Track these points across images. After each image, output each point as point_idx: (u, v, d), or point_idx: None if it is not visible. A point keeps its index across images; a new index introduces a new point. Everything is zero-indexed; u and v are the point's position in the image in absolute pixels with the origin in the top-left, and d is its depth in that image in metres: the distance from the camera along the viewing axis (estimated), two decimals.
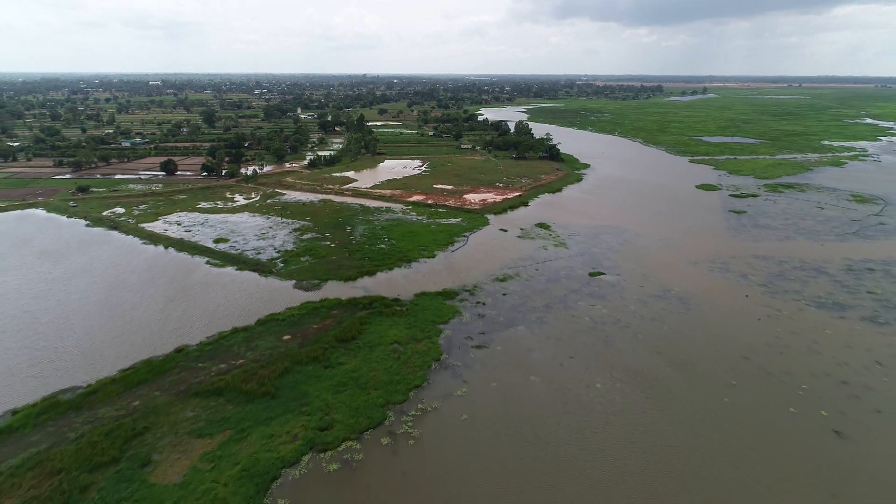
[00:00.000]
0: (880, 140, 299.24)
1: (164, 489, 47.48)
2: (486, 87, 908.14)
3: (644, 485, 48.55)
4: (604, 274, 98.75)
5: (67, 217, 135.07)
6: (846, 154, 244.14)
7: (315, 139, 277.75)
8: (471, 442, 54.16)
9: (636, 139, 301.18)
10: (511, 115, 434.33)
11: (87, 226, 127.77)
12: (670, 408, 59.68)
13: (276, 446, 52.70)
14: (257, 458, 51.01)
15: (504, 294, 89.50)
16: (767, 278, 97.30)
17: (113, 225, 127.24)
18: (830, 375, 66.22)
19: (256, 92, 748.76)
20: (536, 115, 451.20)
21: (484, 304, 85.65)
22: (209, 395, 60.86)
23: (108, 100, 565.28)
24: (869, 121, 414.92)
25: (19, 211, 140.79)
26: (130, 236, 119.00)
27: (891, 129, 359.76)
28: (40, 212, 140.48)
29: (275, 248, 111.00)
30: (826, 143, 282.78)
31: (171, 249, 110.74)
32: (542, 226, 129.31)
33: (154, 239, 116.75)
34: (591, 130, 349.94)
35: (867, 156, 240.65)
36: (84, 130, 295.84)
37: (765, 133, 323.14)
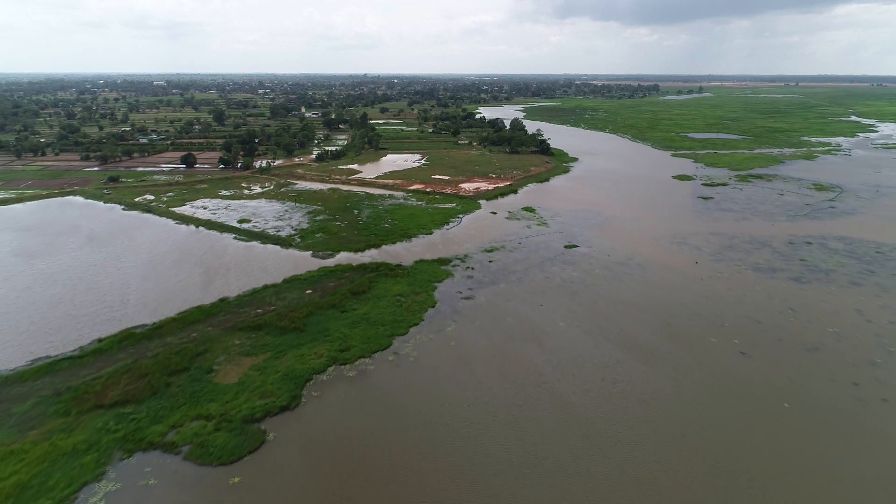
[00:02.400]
0: (858, 136, 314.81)
1: (226, 386, 63.44)
2: (485, 87, 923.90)
3: (582, 383, 64.37)
4: (577, 246, 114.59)
5: (104, 203, 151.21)
6: (821, 149, 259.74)
7: (321, 136, 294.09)
8: (457, 360, 70.03)
9: (625, 136, 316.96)
10: (508, 113, 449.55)
11: (124, 209, 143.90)
12: (613, 337, 75.58)
13: (308, 361, 68.67)
14: (294, 368, 66.98)
15: (490, 261, 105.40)
16: (718, 250, 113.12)
17: (147, 209, 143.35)
18: (749, 317, 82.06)
19: (260, 92, 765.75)
20: (532, 114, 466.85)
21: (472, 268, 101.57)
22: (251, 330, 76.84)
23: (116, 100, 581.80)
24: (854, 118, 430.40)
25: (60, 198, 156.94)
26: (164, 218, 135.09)
27: (872, 126, 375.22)
28: (79, 198, 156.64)
29: (292, 227, 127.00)
30: (805, 138, 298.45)
31: (201, 228, 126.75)
32: (527, 209, 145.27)
33: (185, 220, 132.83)
34: (583, 128, 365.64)
35: (840, 150, 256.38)
36: (101, 128, 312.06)
37: (749, 130, 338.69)
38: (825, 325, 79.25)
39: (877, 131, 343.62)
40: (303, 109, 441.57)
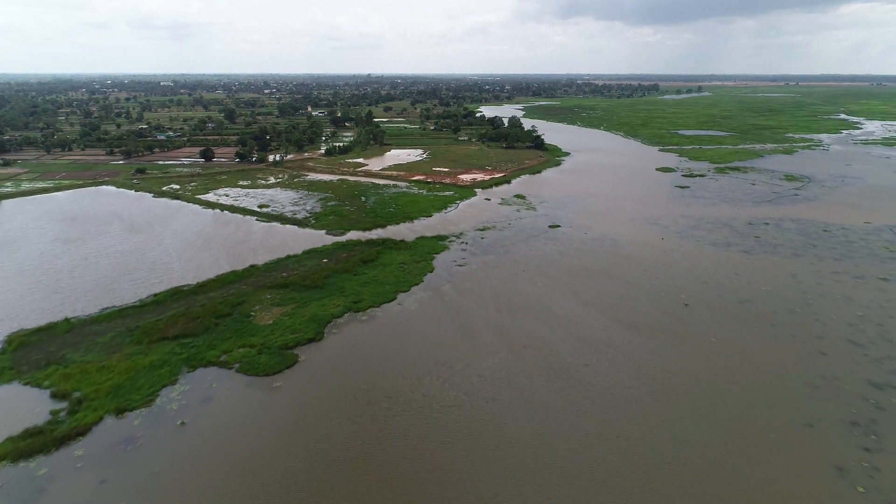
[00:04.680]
0: (841, 133, 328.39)
1: (263, 326, 78.82)
2: (486, 87, 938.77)
3: (552, 323, 79.43)
4: (560, 226, 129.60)
5: (134, 191, 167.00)
6: (801, 144, 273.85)
7: (328, 132, 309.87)
8: (450, 309, 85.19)
9: (618, 133, 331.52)
10: (508, 112, 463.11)
11: (154, 197, 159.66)
12: (581, 293, 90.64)
13: (327, 309, 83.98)
14: (316, 313, 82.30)
15: (482, 238, 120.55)
16: (683, 229, 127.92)
17: (175, 196, 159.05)
18: (698, 279, 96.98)
19: (266, 91, 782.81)
20: (531, 112, 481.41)
21: (466, 243, 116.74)
22: (279, 288, 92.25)
23: (128, 99, 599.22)
24: (843, 116, 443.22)
25: (94, 187, 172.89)
26: (192, 204, 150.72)
27: (858, 123, 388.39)
28: (111, 188, 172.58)
29: (307, 211, 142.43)
30: (789, 135, 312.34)
31: (226, 212, 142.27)
32: (519, 196, 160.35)
33: (211, 205, 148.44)
34: (579, 125, 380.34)
35: (819, 145, 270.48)
36: (118, 126, 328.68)
37: (738, 127, 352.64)
38: (760, 285, 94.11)
39: (861, 128, 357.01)
40: (309, 108, 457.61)
